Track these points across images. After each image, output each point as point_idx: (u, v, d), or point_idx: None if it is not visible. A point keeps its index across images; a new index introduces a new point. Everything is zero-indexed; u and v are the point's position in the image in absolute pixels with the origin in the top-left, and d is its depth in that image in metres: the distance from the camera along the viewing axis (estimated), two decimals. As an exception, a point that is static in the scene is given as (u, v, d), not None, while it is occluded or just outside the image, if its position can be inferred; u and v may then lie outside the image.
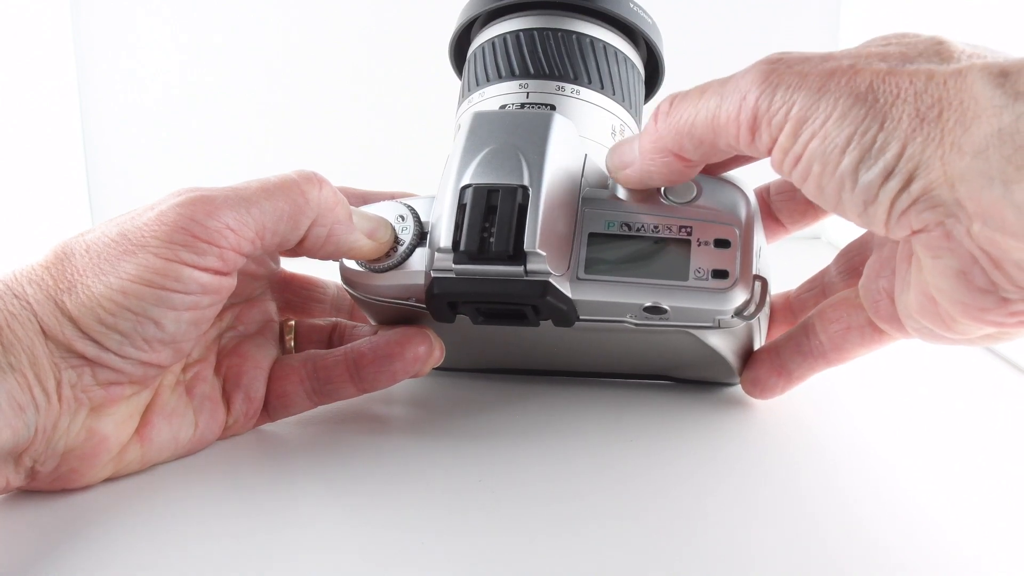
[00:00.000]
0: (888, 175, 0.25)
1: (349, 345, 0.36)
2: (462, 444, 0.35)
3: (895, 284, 0.30)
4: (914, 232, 0.26)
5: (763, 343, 0.37)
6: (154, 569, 0.27)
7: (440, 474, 0.33)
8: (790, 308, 0.39)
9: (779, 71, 0.28)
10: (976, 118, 0.24)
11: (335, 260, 0.35)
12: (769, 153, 0.28)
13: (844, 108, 0.26)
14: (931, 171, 0.24)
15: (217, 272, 0.30)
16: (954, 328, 0.28)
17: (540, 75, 0.38)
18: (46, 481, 0.30)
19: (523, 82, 0.38)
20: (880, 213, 0.26)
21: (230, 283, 0.31)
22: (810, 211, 0.38)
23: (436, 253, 0.32)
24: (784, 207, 0.38)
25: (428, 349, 0.36)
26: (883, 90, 0.26)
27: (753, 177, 0.35)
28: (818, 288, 0.38)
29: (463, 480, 0.32)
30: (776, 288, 0.38)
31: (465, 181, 0.33)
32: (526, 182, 0.32)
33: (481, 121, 0.34)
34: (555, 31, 0.39)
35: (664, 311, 0.32)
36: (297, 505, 0.31)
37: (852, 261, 0.37)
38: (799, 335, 0.36)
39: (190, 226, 0.29)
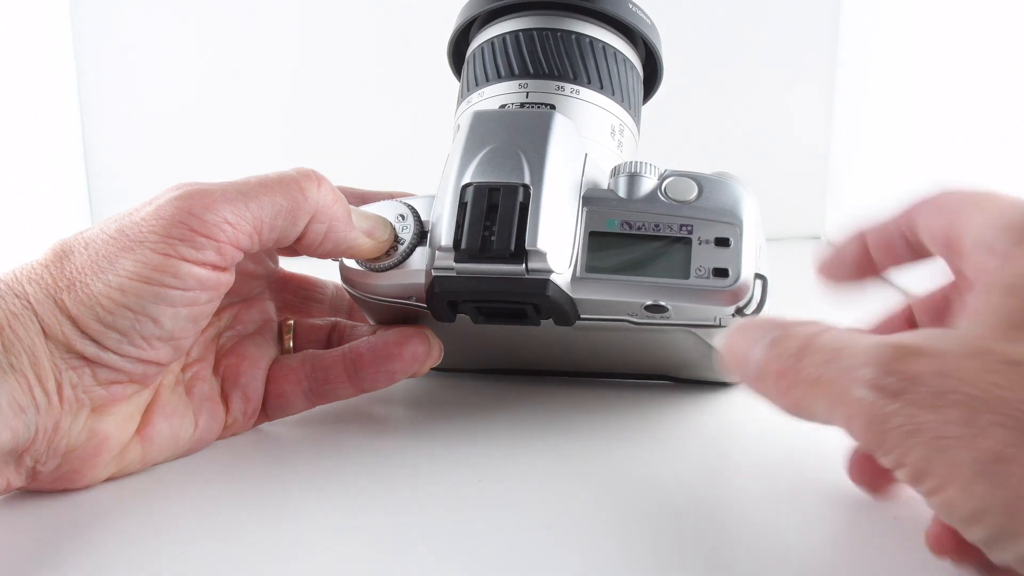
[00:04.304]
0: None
1: (347, 345, 0.36)
2: (461, 444, 0.35)
3: None
4: None
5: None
6: (154, 569, 0.27)
7: (439, 474, 0.33)
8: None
9: (902, 391, 0.21)
10: None
11: (334, 259, 0.35)
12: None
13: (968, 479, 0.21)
14: None
15: (215, 267, 0.30)
16: None
17: (539, 75, 0.38)
18: (47, 481, 0.30)
19: (523, 82, 0.38)
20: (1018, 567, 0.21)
21: (228, 279, 0.31)
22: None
23: (437, 252, 0.32)
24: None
25: (426, 349, 0.36)
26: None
27: (749, 175, 0.35)
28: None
29: (462, 480, 0.32)
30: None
31: (466, 180, 0.33)
32: (527, 181, 0.32)
33: (481, 120, 0.34)
34: (554, 31, 0.39)
35: (665, 310, 0.32)
36: (296, 505, 0.31)
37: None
38: None
39: (188, 220, 0.29)
